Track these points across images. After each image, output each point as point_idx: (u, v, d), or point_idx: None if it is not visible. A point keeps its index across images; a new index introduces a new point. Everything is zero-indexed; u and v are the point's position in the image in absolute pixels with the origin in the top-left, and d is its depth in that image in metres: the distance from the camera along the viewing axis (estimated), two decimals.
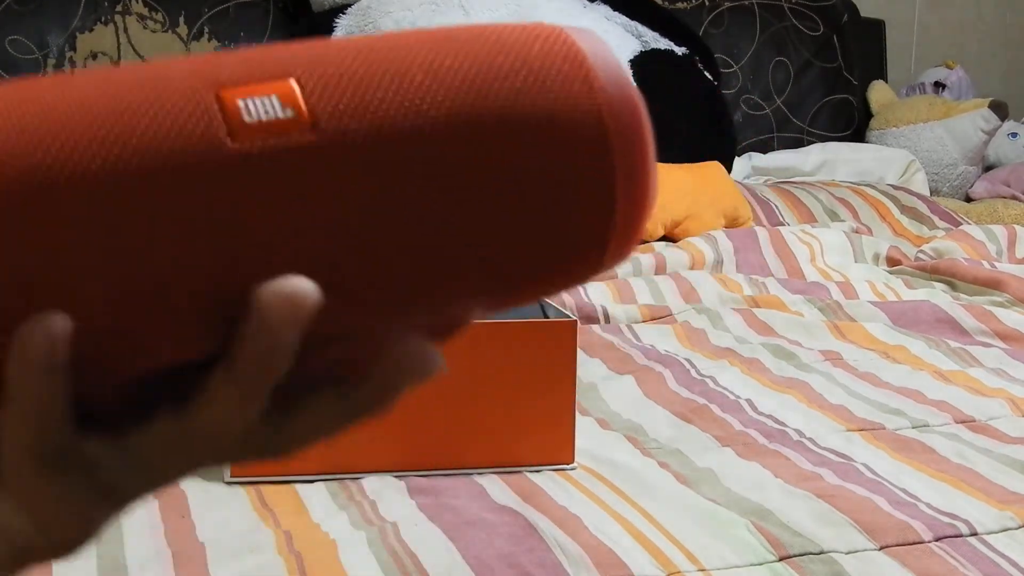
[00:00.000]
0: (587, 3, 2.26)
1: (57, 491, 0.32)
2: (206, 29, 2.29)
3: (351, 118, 0.31)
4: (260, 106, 0.30)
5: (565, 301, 1.53)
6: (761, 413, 1.14)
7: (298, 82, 0.31)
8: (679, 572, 0.81)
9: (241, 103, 0.30)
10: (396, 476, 0.97)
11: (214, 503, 0.92)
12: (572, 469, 1.00)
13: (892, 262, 1.90)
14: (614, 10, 2.26)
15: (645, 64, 2.16)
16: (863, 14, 2.84)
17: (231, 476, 0.96)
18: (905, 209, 2.21)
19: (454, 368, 0.97)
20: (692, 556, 0.83)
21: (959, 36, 3.14)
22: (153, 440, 0.33)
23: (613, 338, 1.39)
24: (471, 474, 0.98)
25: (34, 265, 0.28)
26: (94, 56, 2.20)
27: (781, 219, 2.13)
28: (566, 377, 1.00)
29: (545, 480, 0.97)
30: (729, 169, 2.20)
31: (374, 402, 0.34)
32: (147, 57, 2.22)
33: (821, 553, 0.84)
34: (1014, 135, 2.81)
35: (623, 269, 1.73)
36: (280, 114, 0.30)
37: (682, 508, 0.91)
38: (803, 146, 2.64)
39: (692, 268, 1.78)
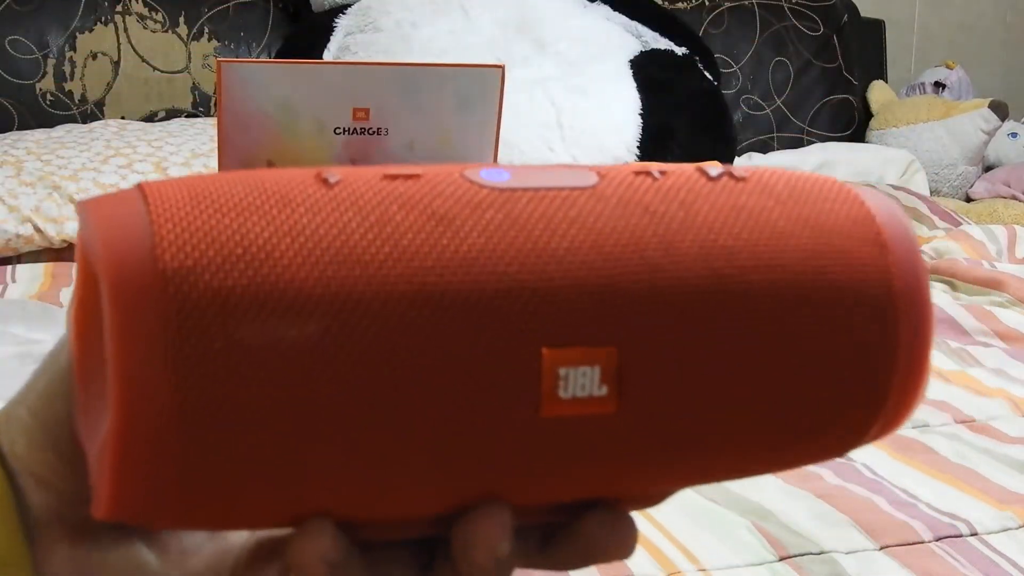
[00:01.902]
0: (587, 3, 2.26)
1: None
2: (206, 29, 2.29)
3: (660, 394, 0.29)
4: (578, 381, 0.28)
5: None
6: None
7: (619, 352, 0.29)
8: (679, 572, 0.81)
9: (562, 374, 0.28)
10: None
11: None
12: None
13: None
14: (614, 10, 2.26)
15: (645, 64, 2.16)
16: (863, 14, 2.84)
17: None
18: (905, 209, 2.21)
19: None
20: (692, 556, 0.83)
21: (959, 36, 3.14)
22: None
23: None
24: None
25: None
26: (94, 56, 2.20)
27: None
28: None
29: None
30: None
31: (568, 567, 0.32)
32: (147, 57, 2.23)
33: (821, 553, 0.84)
34: (1014, 135, 2.81)
35: None
36: (595, 392, 0.28)
37: (682, 508, 0.91)
38: (803, 146, 2.64)
39: None
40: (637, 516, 0.94)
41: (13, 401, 0.34)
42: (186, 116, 2.24)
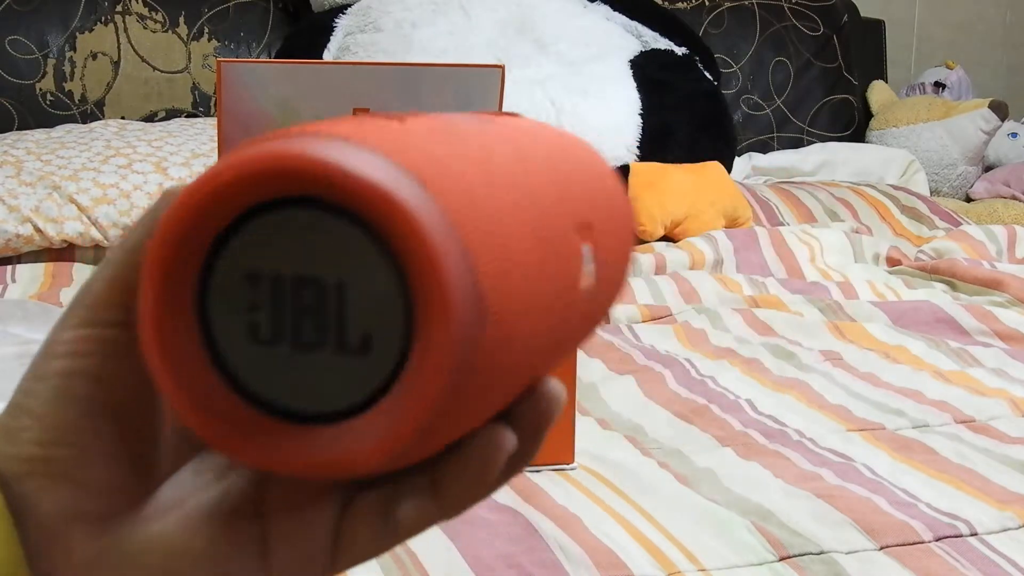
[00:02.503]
0: (587, 3, 2.26)
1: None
2: (206, 29, 2.29)
3: (607, 263, 0.38)
4: (587, 256, 0.35)
5: None
6: (761, 413, 1.14)
7: (592, 234, 0.36)
8: (679, 572, 0.81)
9: (584, 251, 0.35)
10: None
11: None
12: (572, 469, 1.00)
13: (892, 262, 1.90)
14: (614, 10, 2.26)
15: (645, 64, 2.16)
16: (863, 14, 2.84)
17: None
18: (905, 209, 2.21)
19: None
20: (692, 556, 0.83)
21: (959, 36, 3.14)
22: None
23: (613, 338, 1.39)
24: None
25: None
26: (94, 56, 2.20)
27: (781, 219, 2.13)
28: (566, 377, 1.00)
29: (545, 480, 0.97)
30: (729, 169, 2.20)
31: (466, 499, 0.34)
32: (147, 57, 2.23)
33: (821, 553, 0.84)
34: (1014, 135, 2.81)
35: None
36: (591, 264, 0.36)
37: (682, 508, 0.91)
38: (803, 146, 2.64)
39: (692, 268, 1.78)
40: (637, 516, 0.93)
41: (13, 405, 0.34)
42: (186, 116, 2.24)
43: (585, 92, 2.07)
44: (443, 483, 0.33)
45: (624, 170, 2.02)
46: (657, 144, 2.07)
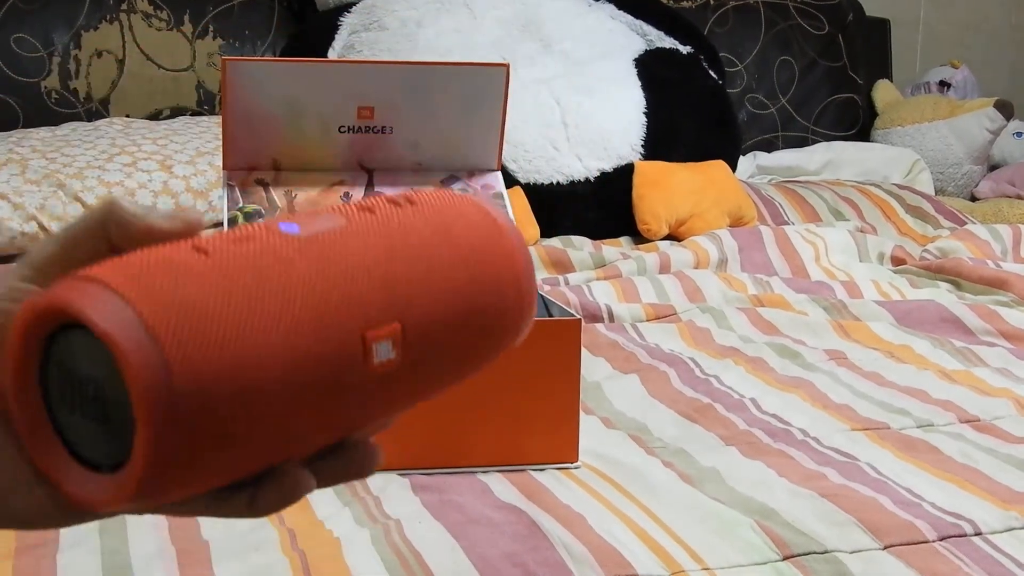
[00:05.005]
0: (592, 2, 2.26)
1: None
2: (211, 27, 2.29)
3: (423, 349, 0.48)
4: (383, 349, 0.45)
5: (569, 300, 1.53)
6: (765, 412, 1.14)
7: (403, 328, 0.46)
8: (683, 571, 0.81)
9: (374, 347, 0.45)
10: (400, 474, 0.97)
11: None
12: (576, 468, 1.00)
13: (897, 261, 1.90)
14: (619, 9, 2.26)
15: (650, 63, 2.16)
16: (868, 13, 2.84)
17: None
18: (910, 208, 2.21)
19: None
20: (696, 555, 0.83)
21: (964, 35, 3.14)
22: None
23: (617, 337, 1.39)
24: (475, 472, 0.98)
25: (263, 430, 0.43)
26: (99, 54, 2.20)
27: (786, 218, 2.13)
28: (570, 376, 1.00)
29: (549, 479, 0.97)
30: (734, 168, 2.20)
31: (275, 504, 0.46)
32: (152, 56, 2.23)
33: (825, 552, 0.84)
34: (1019, 134, 2.81)
35: (627, 268, 1.73)
36: (391, 356, 0.45)
37: (686, 507, 0.91)
38: (808, 145, 2.64)
39: (697, 267, 1.78)
40: (641, 515, 0.93)
41: None
42: (191, 114, 2.24)
43: (590, 91, 2.07)
44: (256, 500, 0.45)
45: (629, 169, 2.02)
46: (662, 143, 2.07)
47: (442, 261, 0.48)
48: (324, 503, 0.92)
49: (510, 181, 1.95)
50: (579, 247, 1.88)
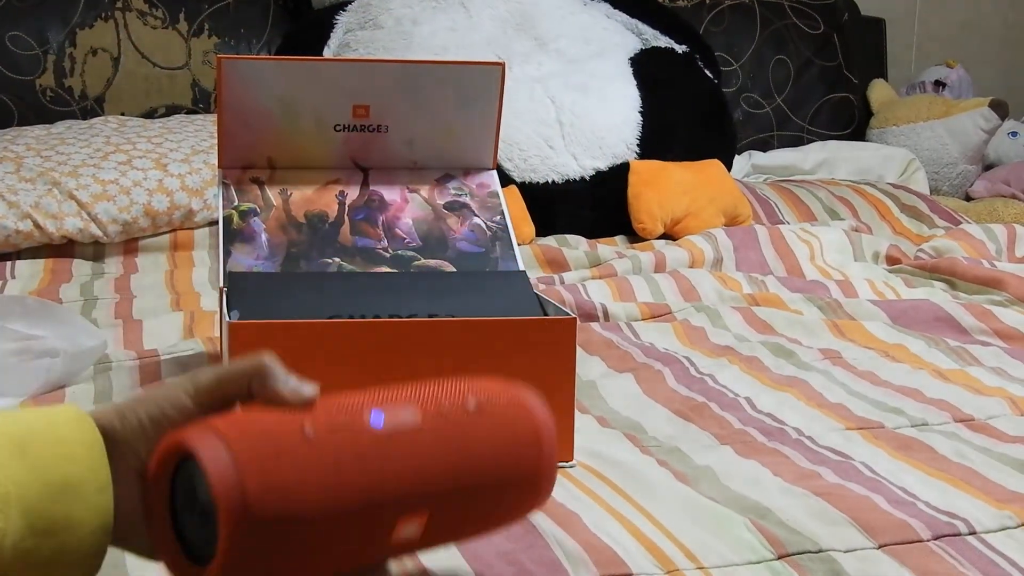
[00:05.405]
0: (587, 1, 2.26)
1: None
2: (206, 26, 2.29)
3: (440, 531, 0.67)
4: (408, 530, 0.63)
5: (564, 298, 1.53)
6: (760, 411, 1.14)
7: (430, 516, 0.63)
8: (678, 570, 0.81)
9: (402, 527, 0.62)
10: None
11: None
12: (571, 467, 1.00)
13: (892, 261, 1.90)
14: (614, 7, 2.26)
15: (645, 62, 2.16)
16: (863, 12, 2.84)
17: None
18: (905, 208, 2.21)
19: (453, 365, 0.97)
20: (691, 554, 0.83)
21: (959, 35, 3.14)
22: None
23: (612, 336, 1.39)
24: None
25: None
26: (94, 52, 2.20)
27: (781, 217, 2.13)
28: (565, 375, 1.00)
29: None
30: (729, 167, 2.20)
31: None
32: (147, 54, 2.23)
33: (820, 551, 0.84)
34: (1014, 134, 2.81)
35: (622, 266, 1.73)
36: (412, 534, 0.63)
37: (681, 506, 0.91)
38: (803, 144, 2.64)
39: (692, 266, 1.78)
40: (636, 514, 0.93)
41: (154, 398, 0.64)
42: (186, 112, 2.24)
43: (585, 90, 2.07)
44: None
45: (624, 168, 2.02)
46: (657, 142, 2.07)
47: (485, 471, 0.64)
48: None
49: (505, 180, 1.95)
50: (574, 246, 1.88)
